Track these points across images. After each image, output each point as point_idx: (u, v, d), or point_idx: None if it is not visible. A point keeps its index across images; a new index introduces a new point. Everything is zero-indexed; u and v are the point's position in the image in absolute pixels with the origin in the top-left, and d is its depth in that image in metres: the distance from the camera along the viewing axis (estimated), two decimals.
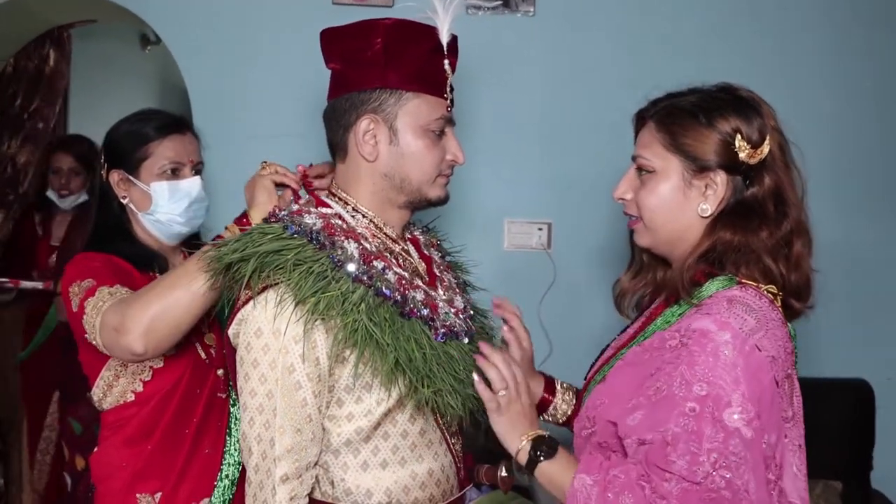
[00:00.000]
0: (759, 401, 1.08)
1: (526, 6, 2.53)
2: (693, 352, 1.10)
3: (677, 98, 1.24)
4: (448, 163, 1.32)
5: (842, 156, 2.61)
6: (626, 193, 1.28)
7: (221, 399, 1.60)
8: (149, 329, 1.37)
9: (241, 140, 2.45)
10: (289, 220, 1.23)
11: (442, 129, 1.30)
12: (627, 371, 1.22)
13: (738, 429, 1.06)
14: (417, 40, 1.28)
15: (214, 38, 2.47)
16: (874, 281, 2.66)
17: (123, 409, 1.54)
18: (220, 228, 1.79)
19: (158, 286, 1.41)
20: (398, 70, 1.26)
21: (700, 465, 1.05)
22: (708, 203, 1.20)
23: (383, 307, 1.20)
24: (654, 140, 1.23)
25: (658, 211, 1.23)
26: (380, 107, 1.27)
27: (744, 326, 1.11)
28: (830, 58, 2.60)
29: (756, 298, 1.15)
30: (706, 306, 1.15)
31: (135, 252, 1.59)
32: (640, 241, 1.28)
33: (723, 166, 1.19)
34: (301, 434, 1.19)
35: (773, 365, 1.11)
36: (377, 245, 1.29)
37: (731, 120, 1.18)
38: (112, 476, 1.55)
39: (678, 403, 1.08)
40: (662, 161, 1.22)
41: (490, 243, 2.53)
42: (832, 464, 2.43)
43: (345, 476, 1.23)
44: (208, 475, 1.55)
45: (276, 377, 1.17)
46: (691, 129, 1.20)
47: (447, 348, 1.24)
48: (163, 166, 1.58)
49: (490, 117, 2.51)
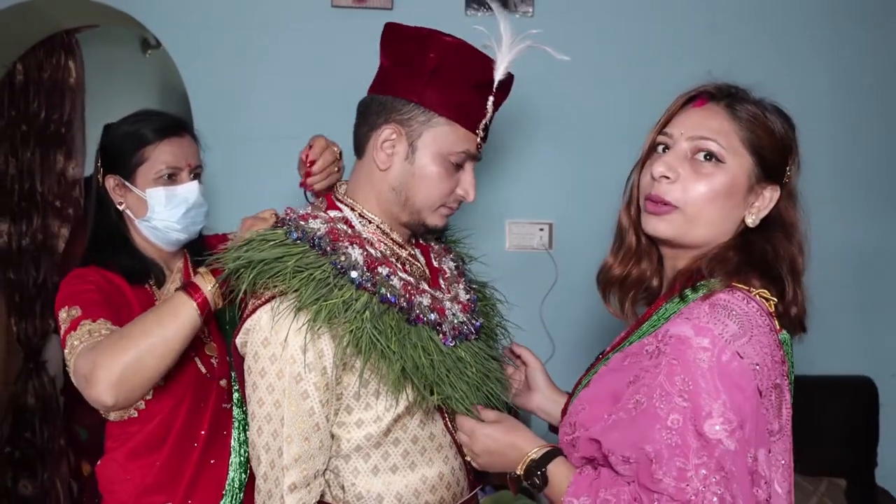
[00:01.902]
0: (741, 410, 1.01)
1: (525, 7, 2.53)
2: (671, 361, 1.04)
3: (742, 93, 1.18)
4: (457, 197, 1.30)
5: (847, 153, 2.61)
6: (671, 172, 1.13)
7: (226, 410, 1.58)
8: (120, 381, 1.31)
9: (242, 143, 2.46)
10: (293, 226, 1.23)
11: (462, 162, 1.28)
12: (608, 377, 1.17)
13: (720, 440, 0.99)
14: (471, 69, 1.25)
15: (214, 42, 2.47)
16: (878, 278, 2.66)
17: (128, 424, 1.53)
18: (217, 226, 1.79)
19: (132, 333, 1.35)
20: (439, 92, 1.23)
21: (689, 482, 0.99)
22: (758, 214, 1.15)
23: (388, 314, 1.18)
24: (730, 130, 1.13)
25: (716, 205, 1.13)
26: (408, 120, 1.25)
27: (724, 332, 1.03)
28: (830, 56, 2.60)
29: (742, 303, 1.08)
30: (688, 310, 1.09)
31: (130, 265, 1.55)
32: (664, 232, 1.15)
33: (779, 181, 1.16)
34: (309, 443, 1.18)
35: (756, 373, 1.03)
36: (383, 250, 1.28)
37: (793, 138, 1.16)
38: (118, 488, 1.54)
39: (659, 418, 1.03)
40: (735, 156, 1.13)
41: (492, 244, 2.53)
42: (836, 461, 2.44)
43: (355, 481, 1.23)
44: (216, 486, 1.55)
45: (283, 387, 1.17)
46: (770, 134, 1.14)
47: (457, 352, 1.24)
48: (159, 171, 1.53)
49: None
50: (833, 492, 2.29)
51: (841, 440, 2.49)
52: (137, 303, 1.53)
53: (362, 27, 2.42)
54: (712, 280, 1.11)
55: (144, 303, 1.54)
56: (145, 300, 1.55)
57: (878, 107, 2.63)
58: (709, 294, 1.10)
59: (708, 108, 1.16)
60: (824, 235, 2.97)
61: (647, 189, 1.17)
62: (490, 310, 1.47)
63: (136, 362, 1.32)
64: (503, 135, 2.55)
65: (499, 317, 1.49)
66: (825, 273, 2.77)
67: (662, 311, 1.16)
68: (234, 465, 1.56)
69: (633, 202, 1.25)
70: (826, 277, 2.71)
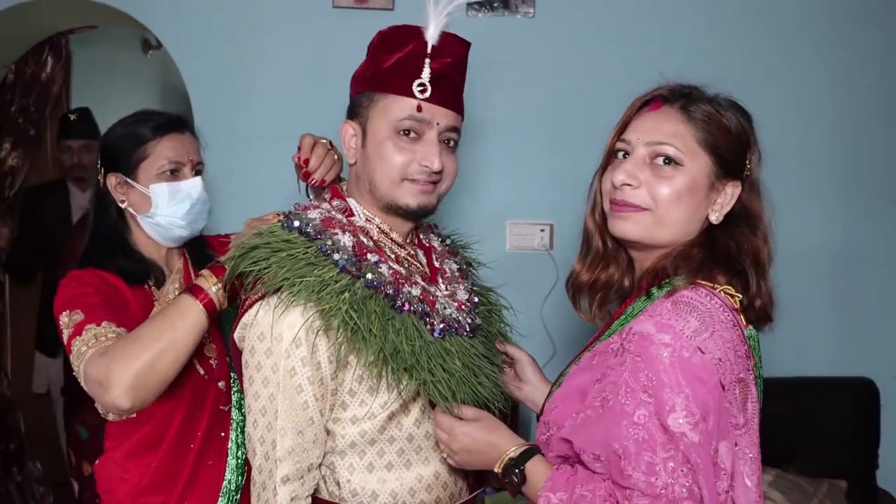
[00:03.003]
0: (704, 404, 1.03)
1: (525, 7, 2.53)
2: (635, 357, 1.06)
3: (696, 93, 1.19)
4: (421, 168, 1.25)
5: (845, 153, 2.61)
6: (633, 179, 1.16)
7: (224, 411, 1.59)
8: (135, 385, 1.33)
9: (243, 143, 2.46)
10: (292, 218, 1.24)
11: (413, 130, 1.24)
12: (579, 376, 1.19)
13: (684, 433, 1.02)
14: (395, 40, 1.26)
15: (215, 42, 2.47)
16: (878, 279, 2.66)
17: (126, 423, 1.53)
18: (218, 227, 1.80)
19: (144, 336, 1.36)
20: (373, 72, 1.26)
21: (658, 476, 1.02)
22: (720, 211, 1.18)
23: (374, 300, 1.19)
24: (685, 132, 1.15)
25: (679, 207, 1.15)
26: (358, 111, 1.29)
27: (685, 328, 1.06)
28: (830, 56, 2.60)
29: (705, 299, 1.10)
30: (651, 308, 1.11)
31: (128, 266, 1.55)
32: (632, 233, 1.17)
33: (739, 176, 1.18)
34: (303, 436, 1.20)
35: (718, 367, 1.05)
36: (382, 244, 1.29)
37: (751, 131, 1.17)
38: (116, 488, 1.54)
39: (626, 413, 1.05)
40: (692, 157, 1.15)
41: (492, 245, 2.52)
42: (837, 462, 2.43)
43: (350, 477, 1.24)
44: (213, 486, 1.55)
45: (278, 380, 1.18)
46: (725, 132, 1.16)
47: (444, 343, 1.24)
48: (162, 167, 1.54)
49: (491, 119, 2.51)
50: (834, 493, 2.29)
51: (842, 442, 2.49)
52: (136, 303, 1.53)
53: (363, 28, 2.37)
54: (677, 277, 1.14)
55: (143, 303, 1.54)
56: (144, 301, 1.55)
57: (877, 106, 2.62)
58: (672, 291, 1.12)
59: (663, 111, 1.18)
60: (827, 236, 2.96)
61: (611, 194, 1.20)
62: (495, 315, 1.46)
63: (149, 366, 1.34)
64: (503, 135, 2.56)
65: (502, 322, 1.48)
66: (828, 275, 2.78)
67: (630, 309, 1.18)
68: (231, 468, 1.57)
69: (598, 207, 1.27)
70: (828, 279, 2.72)
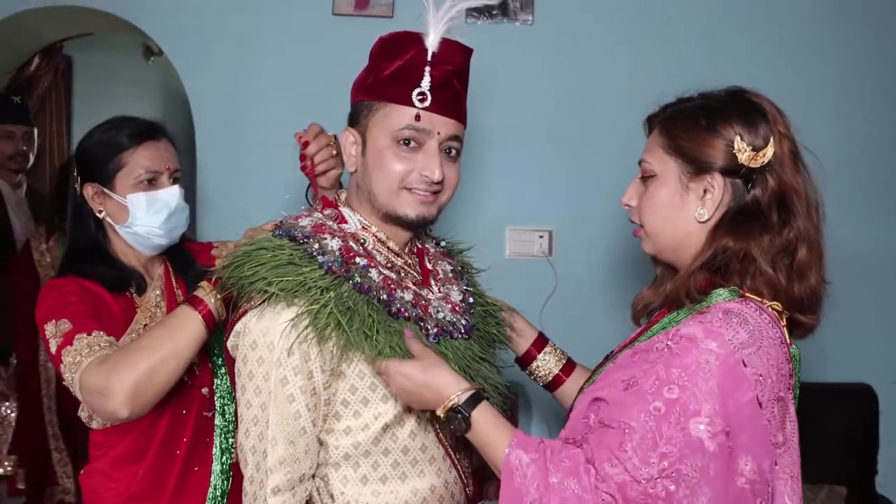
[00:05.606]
0: (730, 418, 1.03)
1: (524, 15, 2.54)
2: (675, 354, 1.07)
3: (684, 102, 1.22)
4: (421, 178, 1.23)
5: (846, 156, 2.58)
6: (631, 200, 1.25)
7: (208, 417, 1.58)
8: (134, 394, 1.33)
9: (243, 149, 2.47)
10: (284, 226, 1.25)
11: (413, 139, 1.23)
12: (617, 373, 1.18)
13: (701, 440, 1.02)
14: (395, 48, 1.25)
15: (216, 49, 2.49)
16: (879, 284, 2.64)
17: (110, 432, 1.52)
18: (219, 234, 1.79)
19: (143, 347, 1.36)
20: (372, 81, 1.26)
21: (648, 466, 1.02)
22: (706, 208, 1.16)
23: (370, 306, 1.18)
24: (655, 144, 1.21)
25: (656, 216, 1.20)
26: (357, 119, 1.28)
27: (734, 339, 1.06)
28: (831, 56, 2.59)
29: (755, 313, 1.10)
30: (701, 314, 1.12)
31: (110, 276, 1.54)
32: (645, 249, 1.25)
33: (721, 169, 1.15)
34: (294, 446, 1.18)
35: (758, 384, 1.06)
36: (376, 250, 1.28)
37: (732, 122, 1.15)
38: (101, 497, 1.54)
39: (646, 400, 1.06)
40: (661, 165, 1.19)
41: (491, 251, 2.53)
42: (836, 469, 2.43)
43: (344, 489, 1.22)
44: (200, 493, 1.55)
45: (269, 389, 1.17)
46: (690, 132, 1.18)
47: (440, 348, 1.23)
48: (139, 176, 1.52)
49: (490, 126, 2.52)
50: (833, 499, 2.29)
51: (841, 447, 2.49)
52: (119, 311, 1.53)
53: (363, 35, 2.38)
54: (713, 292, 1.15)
55: (126, 310, 1.54)
56: (127, 308, 1.55)
57: (879, 107, 2.61)
58: (722, 302, 1.12)
59: (653, 131, 1.25)
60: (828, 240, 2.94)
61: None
62: (491, 318, 1.46)
63: (148, 376, 1.34)
64: (503, 141, 2.57)
65: (500, 325, 1.47)
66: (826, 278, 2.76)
67: (673, 314, 1.19)
68: (216, 473, 1.56)
69: None
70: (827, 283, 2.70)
